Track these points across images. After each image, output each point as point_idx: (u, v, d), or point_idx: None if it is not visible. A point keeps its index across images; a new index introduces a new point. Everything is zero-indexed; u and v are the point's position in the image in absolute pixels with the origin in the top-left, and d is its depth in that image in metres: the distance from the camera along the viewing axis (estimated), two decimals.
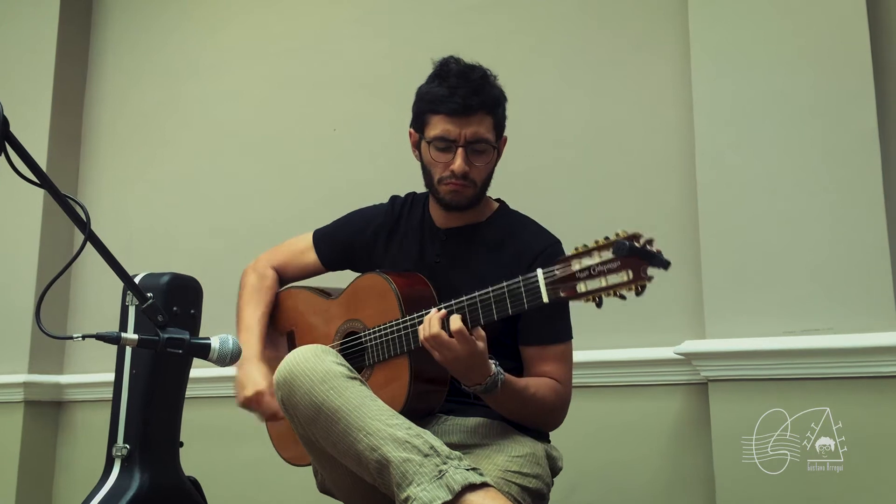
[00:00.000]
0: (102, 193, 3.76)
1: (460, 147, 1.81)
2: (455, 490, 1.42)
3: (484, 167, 1.85)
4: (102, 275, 2.27)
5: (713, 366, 2.29)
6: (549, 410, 1.81)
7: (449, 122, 1.81)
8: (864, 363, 2.12)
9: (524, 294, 1.56)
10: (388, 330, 1.79)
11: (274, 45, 3.45)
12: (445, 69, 1.86)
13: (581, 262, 1.47)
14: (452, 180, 1.83)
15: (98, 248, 1.63)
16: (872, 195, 2.19)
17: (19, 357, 3.53)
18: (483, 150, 1.83)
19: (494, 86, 1.87)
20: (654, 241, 1.41)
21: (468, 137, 1.81)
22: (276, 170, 3.35)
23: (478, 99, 1.80)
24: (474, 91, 1.81)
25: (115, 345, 1.67)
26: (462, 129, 1.80)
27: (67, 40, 3.84)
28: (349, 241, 2.07)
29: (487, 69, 1.90)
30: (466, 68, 1.85)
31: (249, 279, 2.14)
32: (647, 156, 2.62)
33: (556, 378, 1.81)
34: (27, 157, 1.51)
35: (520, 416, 1.80)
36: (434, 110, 1.83)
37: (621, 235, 1.42)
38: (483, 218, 1.94)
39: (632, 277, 1.41)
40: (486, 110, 1.82)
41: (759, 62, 2.36)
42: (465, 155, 1.81)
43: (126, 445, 1.94)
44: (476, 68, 1.87)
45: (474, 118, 1.81)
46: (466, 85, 1.81)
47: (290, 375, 1.60)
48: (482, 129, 1.82)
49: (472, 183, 1.84)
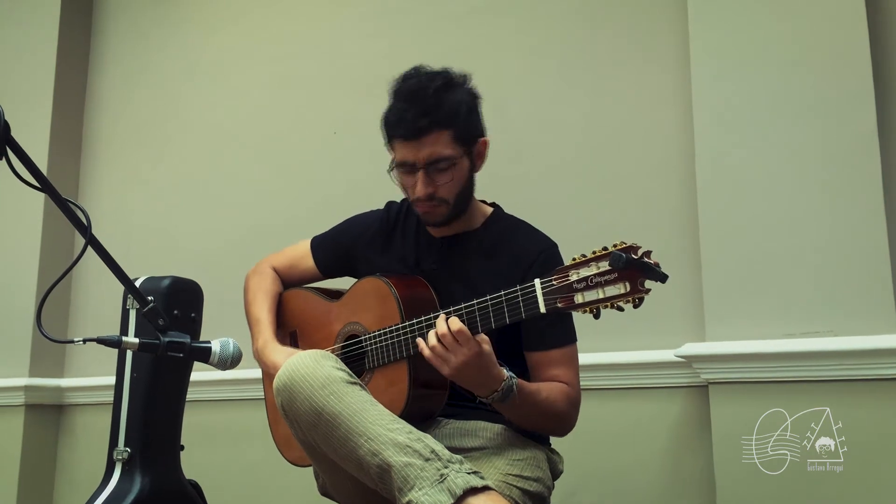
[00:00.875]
0: (103, 196, 3.76)
1: (419, 170, 1.80)
2: (457, 494, 1.42)
3: (450, 183, 1.81)
4: (103, 278, 2.26)
5: (713, 368, 2.29)
6: (562, 414, 1.79)
7: (405, 146, 1.80)
8: (865, 365, 2.12)
9: (521, 304, 1.56)
10: (388, 334, 1.79)
11: (274, 48, 3.46)
12: (399, 88, 1.83)
13: (578, 273, 1.47)
14: (420, 202, 1.83)
15: (99, 251, 1.63)
16: (872, 197, 2.19)
17: (20, 360, 3.53)
18: (444, 168, 1.80)
19: (453, 95, 1.81)
20: (651, 253, 1.41)
21: (425, 159, 1.78)
22: (277, 172, 3.35)
23: (427, 119, 1.76)
24: (424, 112, 1.76)
25: (116, 348, 1.67)
26: (417, 153, 1.78)
27: (68, 43, 3.85)
28: (346, 248, 2.07)
29: (453, 74, 1.85)
30: (421, 84, 1.80)
31: (252, 280, 2.15)
32: (647, 157, 2.63)
33: (566, 381, 1.80)
34: (28, 162, 1.52)
35: (534, 424, 1.80)
36: (392, 135, 1.83)
37: (619, 246, 1.42)
38: (477, 224, 1.93)
39: (629, 290, 1.41)
40: (440, 127, 1.77)
41: (759, 64, 2.36)
42: (426, 176, 1.80)
43: (127, 449, 1.94)
44: (435, 78, 1.81)
45: (428, 139, 1.77)
46: (416, 105, 1.77)
47: (290, 381, 1.60)
48: (438, 148, 1.78)
49: (442, 201, 1.83)
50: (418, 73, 1.84)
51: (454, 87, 1.82)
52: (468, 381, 1.64)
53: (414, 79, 1.83)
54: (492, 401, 1.66)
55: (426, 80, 1.81)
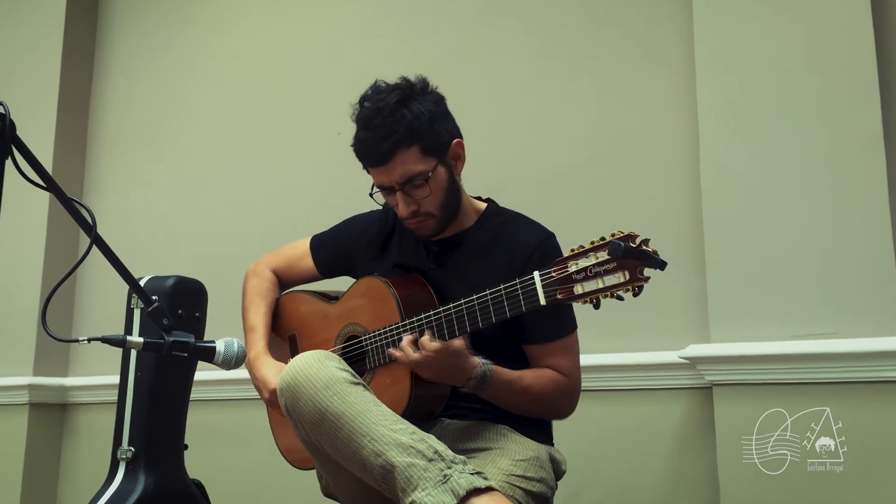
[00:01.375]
0: (107, 196, 3.77)
1: (397, 192, 1.81)
2: (460, 494, 1.42)
3: (431, 196, 1.81)
4: (107, 277, 2.27)
5: (717, 370, 2.29)
6: (550, 401, 1.82)
7: (377, 172, 1.82)
8: (870, 367, 2.11)
9: (521, 297, 1.56)
10: (388, 334, 1.79)
11: (279, 49, 3.46)
12: (358, 115, 1.82)
13: (577, 264, 1.47)
14: (407, 220, 1.84)
15: (104, 251, 1.63)
16: (877, 199, 2.18)
17: (24, 359, 3.54)
18: (420, 184, 1.79)
19: (412, 108, 1.77)
20: (649, 241, 1.41)
21: (398, 180, 1.79)
22: (281, 172, 3.35)
23: (389, 142, 1.75)
24: (384, 135, 1.75)
25: (120, 348, 1.67)
26: (390, 176, 1.79)
27: (73, 44, 3.86)
28: (345, 248, 2.08)
29: (409, 84, 1.82)
30: (376, 107, 1.78)
31: (250, 283, 2.16)
32: (652, 160, 2.62)
33: (561, 369, 1.82)
34: (34, 161, 1.52)
35: (520, 408, 1.81)
36: (363, 163, 1.85)
37: (616, 235, 1.42)
38: (470, 223, 1.93)
39: (628, 278, 1.41)
40: (404, 146, 1.76)
41: (763, 66, 2.36)
42: (405, 196, 1.80)
43: (131, 448, 1.94)
44: (390, 95, 1.78)
45: (396, 160, 1.77)
46: (375, 130, 1.76)
47: (293, 382, 1.60)
48: (409, 166, 1.77)
49: (428, 215, 1.83)
50: (373, 95, 1.82)
51: (411, 100, 1.79)
52: (444, 380, 1.72)
53: (368, 101, 1.81)
54: (469, 389, 1.71)
55: (381, 100, 1.79)
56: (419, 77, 1.85)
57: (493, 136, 2.84)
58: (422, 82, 1.84)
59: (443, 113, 1.84)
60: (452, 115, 1.89)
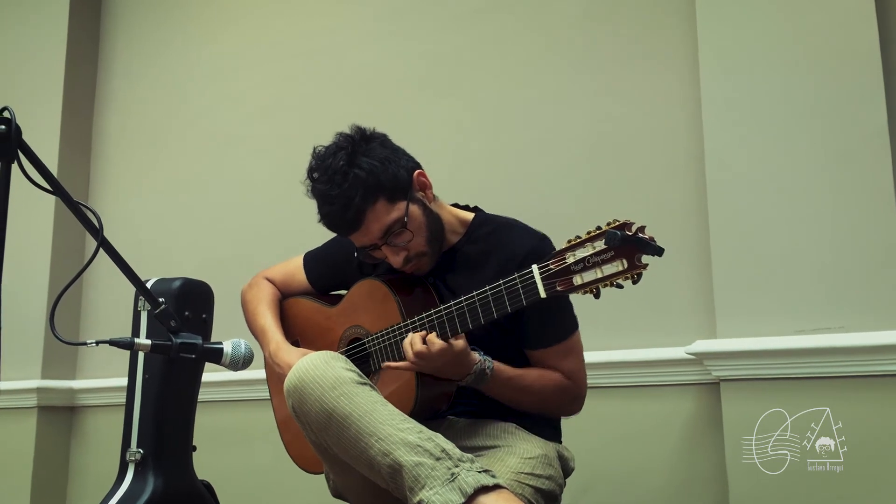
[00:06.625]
0: (112, 198, 3.77)
1: (380, 248, 1.81)
2: (468, 493, 1.42)
3: (413, 240, 1.80)
4: (114, 280, 2.27)
5: (725, 365, 2.29)
6: (552, 402, 1.83)
7: (354, 237, 1.82)
8: (876, 361, 2.11)
9: (521, 291, 1.56)
10: (390, 334, 1.80)
11: (282, 49, 3.46)
12: (314, 191, 1.80)
13: (575, 255, 1.48)
14: (402, 268, 1.84)
15: (111, 254, 1.64)
16: (881, 194, 2.18)
17: (32, 363, 3.55)
18: (400, 231, 1.78)
19: (362, 164, 1.74)
20: (645, 228, 1.42)
21: (377, 237, 1.78)
22: (286, 173, 3.33)
23: (353, 210, 1.73)
24: (345, 206, 1.73)
25: (128, 350, 1.68)
26: (367, 236, 1.79)
27: (77, 45, 3.86)
28: (338, 265, 2.07)
29: (351, 140, 1.79)
30: (326, 177, 1.75)
31: (250, 294, 2.17)
32: (656, 157, 2.62)
33: (563, 372, 1.82)
34: (40, 166, 1.52)
35: (522, 406, 1.82)
36: (337, 234, 1.87)
37: (612, 224, 1.43)
38: (457, 238, 1.91)
39: (627, 266, 1.42)
40: (370, 205, 1.74)
41: (768, 63, 2.36)
42: (390, 248, 1.80)
43: (140, 450, 1.95)
44: (335, 158, 1.75)
45: (367, 222, 1.76)
46: (334, 203, 1.74)
47: (300, 383, 1.60)
48: (382, 221, 1.76)
49: (419, 255, 1.83)
50: (319, 164, 1.79)
51: (357, 155, 1.76)
52: (445, 375, 1.72)
53: (317, 172, 1.79)
54: (468, 384, 1.72)
55: (328, 167, 1.76)
56: (354, 127, 1.83)
57: (494, 135, 2.85)
58: (359, 132, 1.82)
59: (392, 153, 1.81)
60: (401, 148, 1.86)
